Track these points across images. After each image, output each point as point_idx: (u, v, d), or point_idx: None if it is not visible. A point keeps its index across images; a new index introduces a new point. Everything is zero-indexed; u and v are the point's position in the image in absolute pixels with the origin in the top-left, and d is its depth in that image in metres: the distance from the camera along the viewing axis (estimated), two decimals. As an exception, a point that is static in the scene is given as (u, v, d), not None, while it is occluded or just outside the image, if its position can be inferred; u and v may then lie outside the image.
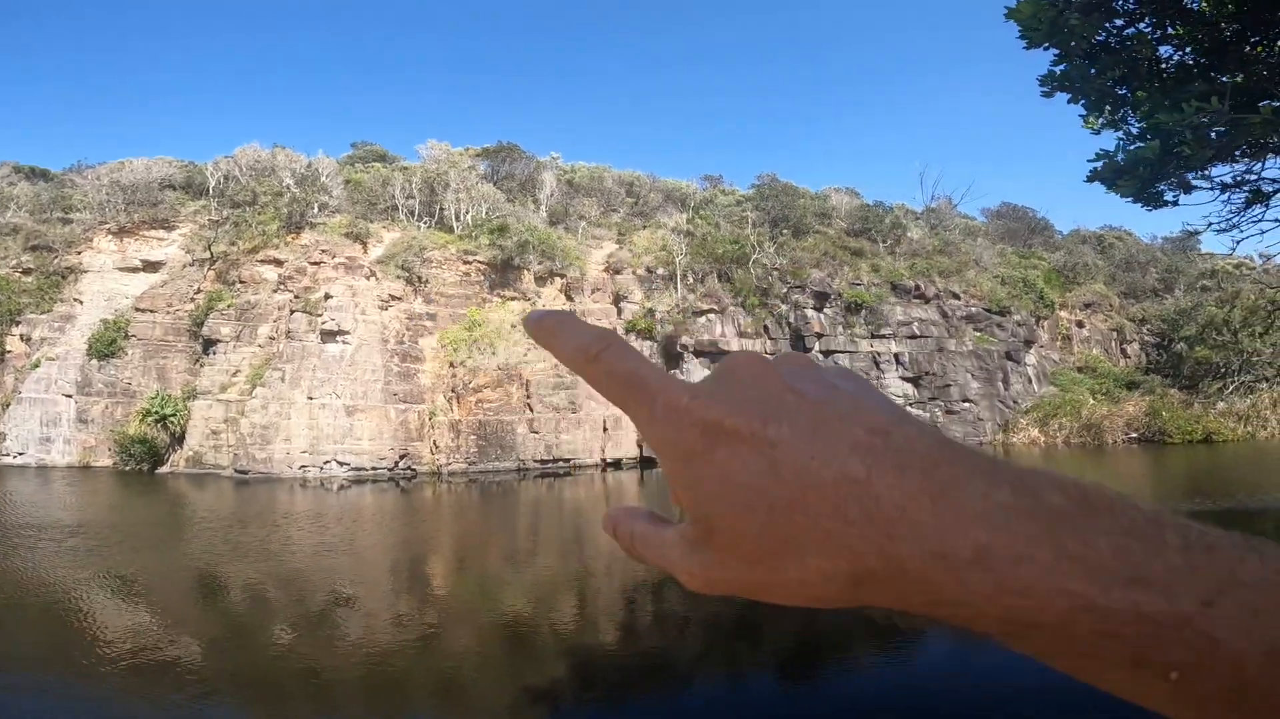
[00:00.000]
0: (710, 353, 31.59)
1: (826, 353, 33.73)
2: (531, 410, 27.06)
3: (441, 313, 29.99)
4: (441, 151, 37.57)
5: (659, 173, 45.97)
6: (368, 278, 30.90)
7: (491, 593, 13.25)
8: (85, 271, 33.33)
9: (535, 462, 27.80)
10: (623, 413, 0.39)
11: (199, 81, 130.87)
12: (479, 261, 31.34)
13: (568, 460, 28.49)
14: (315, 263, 31.05)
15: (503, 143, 41.50)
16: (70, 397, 30.79)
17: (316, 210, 33.00)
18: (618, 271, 33.93)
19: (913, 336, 35.92)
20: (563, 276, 32.55)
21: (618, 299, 32.89)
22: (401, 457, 27.74)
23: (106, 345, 31.02)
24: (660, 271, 33.98)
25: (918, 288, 38.06)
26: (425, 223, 34.13)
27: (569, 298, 32.26)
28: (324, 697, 8.76)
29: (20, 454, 29.96)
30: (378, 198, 35.02)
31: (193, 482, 27.09)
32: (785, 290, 34.48)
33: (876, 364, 34.66)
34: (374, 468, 27.62)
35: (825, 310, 34.49)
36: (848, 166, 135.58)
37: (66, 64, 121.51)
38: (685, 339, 31.30)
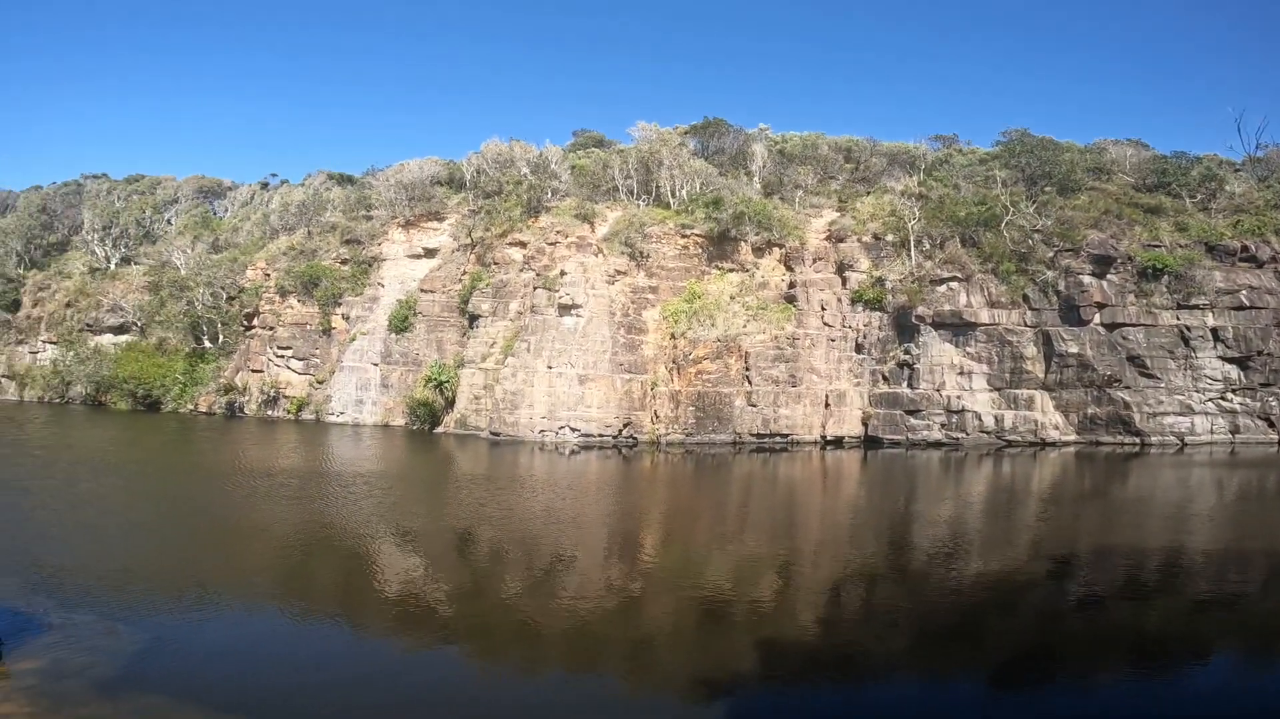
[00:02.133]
0: (953, 324, 27.25)
1: (1111, 325, 27.19)
2: (750, 383, 25.76)
3: (663, 285, 29.89)
4: (652, 132, 37.84)
5: (879, 136, 41.21)
6: (596, 254, 31.94)
7: (696, 566, 13.14)
8: (385, 260, 39.07)
9: (751, 435, 26.75)
10: (847, 387, 0.36)
11: (449, 83, 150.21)
12: (696, 235, 30.73)
13: (785, 435, 26.84)
14: (551, 243, 32.90)
15: (709, 118, 40.66)
16: (376, 365, 36.35)
17: (550, 195, 35.16)
18: (841, 240, 30.91)
19: (1239, 308, 27.58)
20: (781, 246, 30.77)
21: (841, 268, 29.96)
22: (625, 425, 28.31)
23: (401, 321, 35.98)
24: (889, 238, 30.25)
25: (1245, 249, 29.28)
26: (643, 200, 34.59)
27: (789, 267, 30.19)
28: (535, 647, 9.35)
29: (341, 414, 35.96)
30: (600, 180, 36.37)
31: (458, 441, 30.30)
32: (1052, 254, 28.56)
33: (1185, 340, 27.11)
34: (600, 435, 28.59)
35: (1109, 276, 27.87)
36: (1126, 117, 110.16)
37: (355, 77, 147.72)
38: (921, 309, 27.38)
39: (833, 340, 28.08)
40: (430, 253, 39.15)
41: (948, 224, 29.79)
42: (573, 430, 29.25)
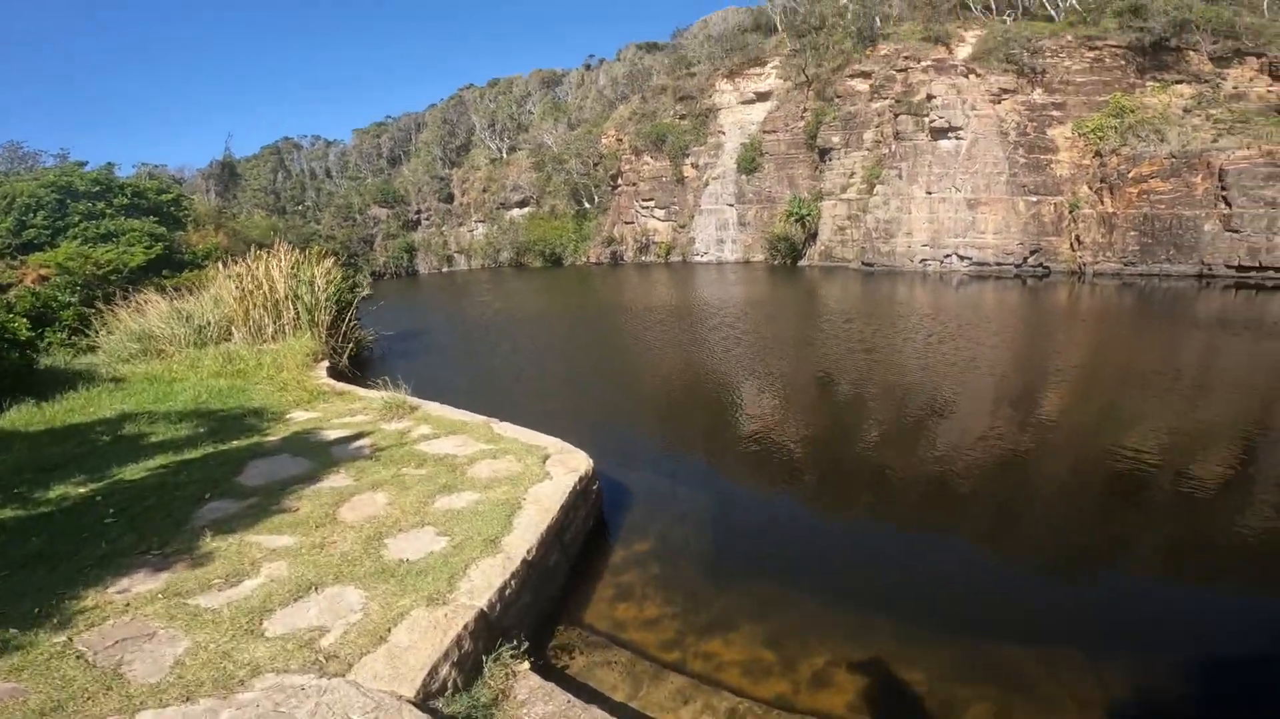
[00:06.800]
0: None
1: None
2: (1228, 205, 21.87)
3: (1070, 101, 26.83)
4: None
5: None
6: (966, 75, 28.84)
7: (1113, 429, 9.46)
8: (719, 109, 39.45)
9: (1228, 267, 21.73)
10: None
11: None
12: (1111, 46, 25.64)
13: (1280, 270, 21.42)
14: (901, 69, 30.60)
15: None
16: (731, 205, 38.48)
17: (879, 23, 31.32)
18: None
19: None
20: (1259, 55, 24.61)
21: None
22: (1032, 252, 27.15)
23: (748, 163, 37.10)
24: None
25: None
26: (1009, 16, 29.41)
27: (1277, 77, 24.31)
28: (881, 501, 7.73)
29: (704, 253, 39.50)
30: (939, 0, 31.09)
31: (824, 274, 29.94)
32: None
33: None
34: (998, 263, 27.70)
35: None
36: None
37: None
38: None
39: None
40: (762, 96, 38.43)
41: None
42: (961, 258, 28.78)
